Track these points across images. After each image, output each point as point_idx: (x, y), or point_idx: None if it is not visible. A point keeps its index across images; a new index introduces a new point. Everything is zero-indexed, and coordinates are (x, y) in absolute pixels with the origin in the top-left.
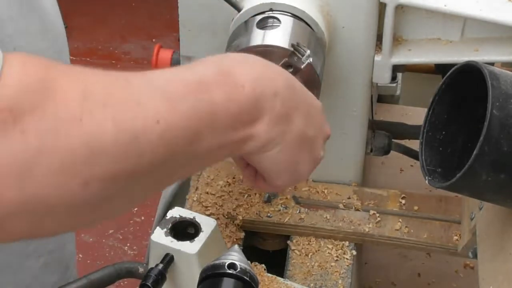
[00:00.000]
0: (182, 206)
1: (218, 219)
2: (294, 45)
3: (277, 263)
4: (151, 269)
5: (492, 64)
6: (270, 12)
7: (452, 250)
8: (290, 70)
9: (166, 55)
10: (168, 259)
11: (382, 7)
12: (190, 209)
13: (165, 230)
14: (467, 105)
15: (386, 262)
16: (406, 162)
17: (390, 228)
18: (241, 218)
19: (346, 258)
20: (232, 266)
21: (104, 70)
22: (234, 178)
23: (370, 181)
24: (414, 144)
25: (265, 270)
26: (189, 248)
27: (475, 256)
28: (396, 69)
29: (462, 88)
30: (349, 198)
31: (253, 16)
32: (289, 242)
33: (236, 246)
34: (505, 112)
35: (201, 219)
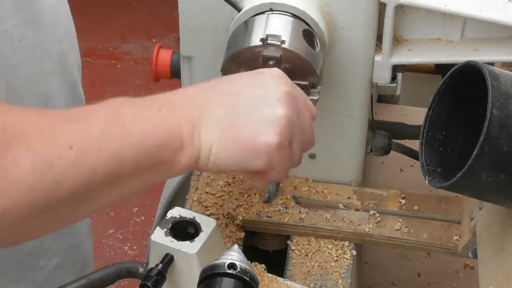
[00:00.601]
0: (182, 206)
1: (218, 219)
2: (263, 38)
3: (277, 263)
4: (151, 269)
5: (492, 64)
6: (281, 13)
7: (452, 250)
8: (272, 62)
9: (166, 55)
10: (168, 259)
11: (382, 7)
12: (190, 209)
13: (165, 230)
14: (467, 105)
15: (386, 262)
16: (406, 162)
17: (390, 228)
18: (241, 218)
19: (346, 258)
20: (232, 266)
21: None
22: (234, 178)
23: (370, 181)
24: (414, 144)
25: (265, 270)
26: (189, 248)
27: (475, 256)
28: (396, 69)
29: (462, 88)
30: (349, 198)
31: (253, 16)
32: (289, 242)
33: (236, 246)
34: (505, 112)
35: (201, 219)
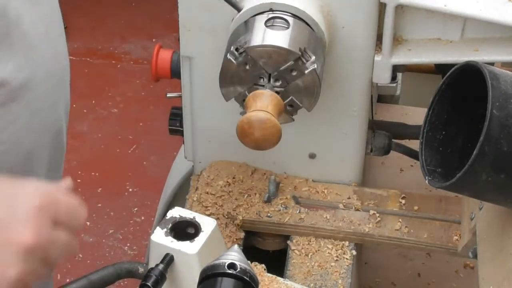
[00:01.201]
0: (182, 206)
1: (218, 219)
2: (301, 49)
3: (277, 263)
4: (151, 269)
5: (492, 64)
6: (279, 12)
7: (452, 250)
8: (294, 73)
9: (166, 55)
10: (168, 259)
11: (382, 7)
12: (190, 209)
13: (165, 230)
14: (467, 105)
15: (386, 262)
16: (406, 162)
17: (390, 228)
18: (241, 218)
19: (346, 258)
20: (232, 266)
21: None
22: (234, 178)
23: (370, 181)
24: (414, 144)
25: (265, 270)
26: (189, 248)
27: (475, 256)
28: (396, 69)
29: (462, 88)
30: (349, 198)
31: (253, 16)
32: (289, 242)
33: (236, 246)
34: (505, 112)
35: (201, 219)
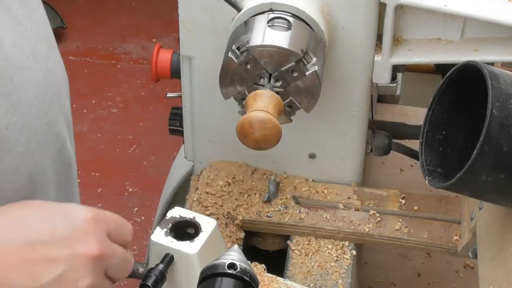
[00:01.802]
0: (182, 206)
1: (218, 219)
2: (303, 51)
3: (277, 263)
4: (151, 269)
5: (492, 64)
6: (279, 12)
7: (452, 250)
8: (295, 74)
9: (166, 55)
10: (168, 259)
11: (382, 7)
12: (190, 209)
13: (165, 230)
14: (467, 105)
15: (386, 262)
16: (406, 162)
17: (390, 228)
18: (241, 218)
19: (346, 258)
20: (232, 266)
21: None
22: (234, 178)
23: (370, 181)
24: (414, 144)
25: (265, 270)
26: (189, 248)
27: (475, 256)
28: (396, 69)
29: (462, 88)
30: (349, 198)
31: (253, 16)
32: (289, 242)
33: (236, 246)
34: (505, 112)
35: (201, 219)
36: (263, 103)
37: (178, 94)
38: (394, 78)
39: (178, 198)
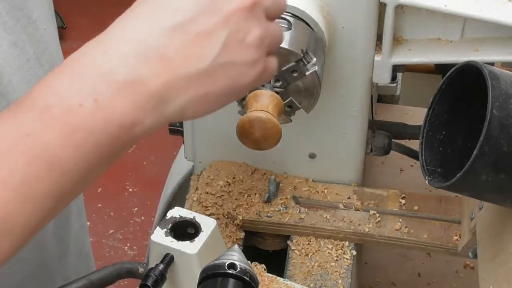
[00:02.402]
0: (182, 206)
1: (218, 219)
2: (303, 51)
3: (277, 263)
4: (151, 269)
5: (492, 64)
6: None
7: (452, 250)
8: (295, 74)
9: None
10: (168, 259)
11: (382, 7)
12: (190, 209)
13: (165, 230)
14: (467, 105)
15: (386, 262)
16: (406, 162)
17: (390, 228)
18: (241, 218)
19: (346, 258)
20: (232, 266)
21: None
22: (234, 178)
23: (370, 181)
24: (414, 144)
25: (265, 270)
26: (189, 248)
27: (475, 256)
28: (396, 69)
29: (462, 88)
30: (349, 198)
31: None
32: (289, 242)
33: (236, 246)
34: (505, 112)
35: (201, 219)
36: (263, 103)
37: None
38: (394, 78)
39: (178, 198)
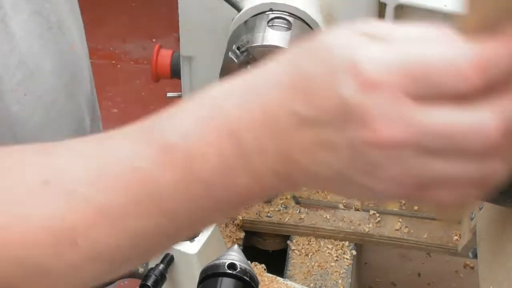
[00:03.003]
0: None
1: None
2: (234, 50)
3: (277, 263)
4: (151, 269)
5: None
6: (279, 12)
7: (452, 250)
8: (249, 65)
9: (166, 55)
10: (168, 259)
11: (382, 7)
12: None
13: None
14: None
15: (386, 262)
16: None
17: (390, 228)
18: (241, 218)
19: (346, 258)
20: (232, 266)
21: None
22: None
23: None
24: None
25: (265, 270)
26: (189, 248)
27: (475, 256)
28: None
29: None
30: (349, 198)
31: (253, 16)
32: (289, 242)
33: (236, 246)
34: None
35: None
36: None
37: (178, 94)
38: None
39: None
